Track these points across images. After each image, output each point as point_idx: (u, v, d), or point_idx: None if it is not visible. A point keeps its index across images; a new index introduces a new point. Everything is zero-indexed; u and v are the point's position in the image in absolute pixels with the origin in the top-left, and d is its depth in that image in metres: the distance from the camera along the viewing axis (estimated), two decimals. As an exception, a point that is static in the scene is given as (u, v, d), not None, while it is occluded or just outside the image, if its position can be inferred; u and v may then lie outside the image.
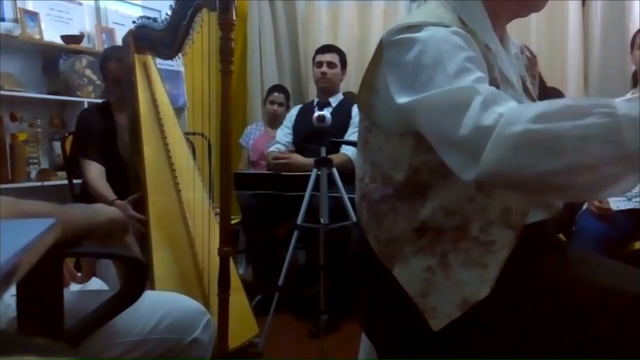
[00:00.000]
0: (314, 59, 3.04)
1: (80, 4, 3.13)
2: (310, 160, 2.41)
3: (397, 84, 0.85)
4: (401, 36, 0.85)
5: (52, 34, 2.91)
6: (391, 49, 0.87)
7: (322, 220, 2.20)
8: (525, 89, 1.03)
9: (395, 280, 0.90)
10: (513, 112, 0.71)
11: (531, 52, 1.13)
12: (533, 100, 1.04)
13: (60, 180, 2.77)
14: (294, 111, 3.11)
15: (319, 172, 2.19)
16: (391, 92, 0.85)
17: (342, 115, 2.83)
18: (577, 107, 0.70)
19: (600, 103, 0.69)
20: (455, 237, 0.87)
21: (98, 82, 2.98)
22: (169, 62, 2.26)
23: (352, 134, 2.81)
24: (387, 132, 0.92)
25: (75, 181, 2.51)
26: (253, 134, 3.55)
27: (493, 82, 0.88)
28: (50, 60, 2.95)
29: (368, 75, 0.94)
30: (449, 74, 0.78)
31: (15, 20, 2.76)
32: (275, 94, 3.45)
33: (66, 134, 2.59)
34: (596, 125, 0.67)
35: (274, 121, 3.47)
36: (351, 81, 3.50)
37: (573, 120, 0.68)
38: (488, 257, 0.86)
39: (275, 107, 3.42)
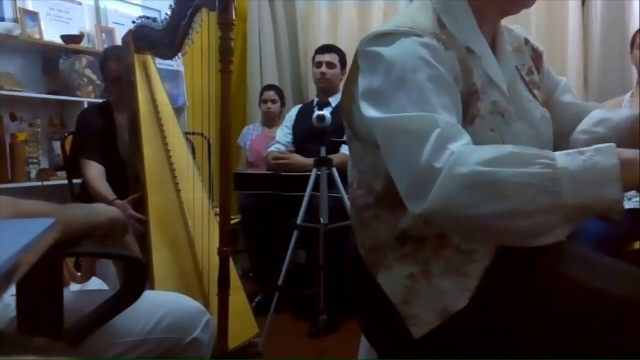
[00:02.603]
0: (313, 59, 3.04)
1: (80, 4, 3.13)
2: (310, 161, 2.41)
3: (366, 95, 0.87)
4: (371, 49, 0.87)
5: (52, 34, 2.91)
6: (364, 59, 0.89)
7: (322, 220, 2.20)
8: (522, 81, 1.02)
9: None
10: (463, 153, 0.74)
11: (537, 47, 1.11)
12: (533, 95, 1.03)
13: (60, 180, 2.77)
14: (294, 111, 3.11)
15: (319, 172, 2.19)
16: (360, 102, 0.87)
17: (342, 116, 2.82)
18: (522, 156, 0.73)
19: (543, 154, 0.73)
20: (436, 246, 0.88)
21: (98, 82, 2.98)
22: (169, 62, 2.26)
23: (352, 134, 2.81)
24: (365, 143, 0.93)
25: (75, 181, 2.51)
26: (250, 134, 3.55)
27: (470, 87, 0.88)
28: (50, 60, 2.95)
29: (349, 82, 0.95)
30: (412, 98, 0.80)
31: (15, 20, 2.76)
32: (267, 92, 3.45)
33: (66, 134, 2.59)
34: (538, 175, 0.71)
35: (270, 120, 3.47)
36: (351, 81, 3.50)
37: (517, 168, 0.72)
38: (469, 266, 0.86)
39: (269, 104, 3.42)
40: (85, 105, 2.82)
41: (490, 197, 0.72)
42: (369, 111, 0.84)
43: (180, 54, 1.98)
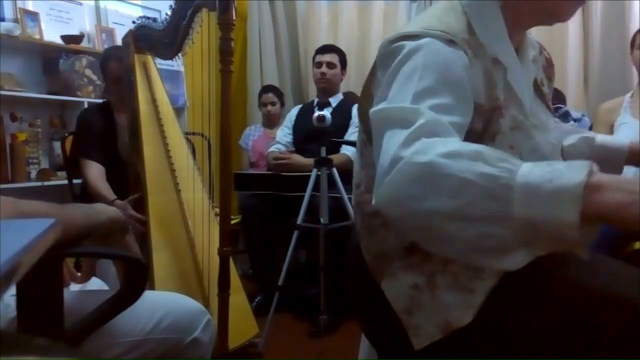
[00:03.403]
0: (313, 59, 3.04)
1: (80, 4, 3.14)
2: (310, 161, 2.41)
3: (377, 95, 0.85)
4: (395, 45, 0.84)
5: (52, 34, 2.92)
6: (383, 56, 0.86)
7: (322, 220, 2.20)
8: (540, 93, 1.01)
9: None
10: (431, 143, 0.68)
11: (548, 53, 1.09)
12: (547, 105, 1.02)
13: (60, 180, 2.77)
14: (294, 111, 3.11)
15: (319, 172, 2.19)
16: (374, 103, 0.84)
17: (342, 115, 2.83)
18: (486, 156, 0.65)
19: (509, 160, 0.65)
20: (444, 259, 0.86)
21: (98, 82, 2.98)
22: (169, 62, 2.26)
23: (352, 134, 2.81)
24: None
25: (75, 181, 2.51)
26: (252, 135, 3.56)
27: (494, 102, 0.86)
28: (50, 60, 2.95)
29: (367, 84, 0.92)
30: (415, 91, 0.76)
31: (15, 20, 2.77)
32: (265, 94, 3.44)
33: (66, 134, 2.59)
34: (489, 177, 0.63)
35: (270, 121, 3.47)
36: (351, 81, 3.51)
37: (472, 164, 0.64)
38: (475, 282, 0.85)
39: (269, 107, 3.43)
40: (85, 105, 2.82)
41: (435, 190, 0.65)
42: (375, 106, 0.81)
43: (180, 54, 1.98)
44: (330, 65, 2.94)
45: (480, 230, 0.64)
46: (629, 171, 2.31)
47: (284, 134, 3.01)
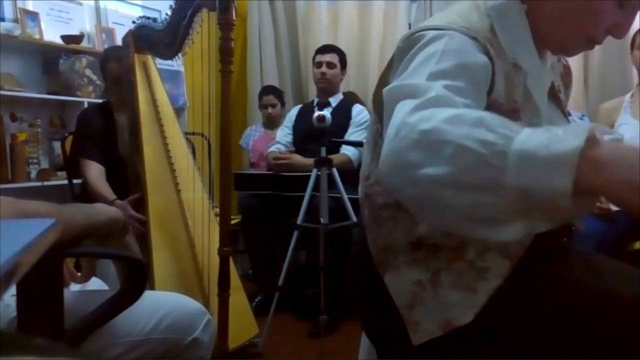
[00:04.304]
0: (313, 59, 3.04)
1: (80, 4, 3.14)
2: (310, 161, 2.41)
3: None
4: (416, 35, 0.83)
5: (52, 34, 2.92)
6: (401, 49, 0.85)
7: (322, 220, 2.20)
8: (556, 99, 1.01)
9: None
10: (436, 111, 0.66)
11: (566, 60, 1.08)
12: (563, 112, 1.02)
13: (60, 180, 2.77)
14: (294, 111, 3.11)
15: (319, 172, 2.19)
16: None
17: (342, 115, 2.83)
18: (488, 122, 0.62)
19: (511, 126, 0.62)
20: (450, 257, 0.86)
21: (98, 82, 2.98)
22: (169, 62, 2.26)
23: (352, 134, 2.81)
24: None
25: (75, 181, 2.51)
26: (253, 135, 3.56)
27: (512, 104, 0.85)
28: (50, 60, 2.95)
29: (384, 74, 0.91)
30: (430, 72, 0.74)
31: (15, 20, 2.77)
32: (265, 96, 3.43)
33: (66, 134, 2.59)
34: (487, 143, 0.60)
35: (271, 123, 3.47)
36: (351, 81, 3.51)
37: (472, 130, 0.62)
38: (479, 283, 0.84)
39: (269, 109, 3.42)
40: (85, 105, 2.82)
41: (434, 157, 0.62)
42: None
43: (180, 54, 1.98)
44: (330, 65, 2.94)
45: (475, 198, 0.62)
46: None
47: (284, 133, 3.01)
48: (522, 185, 0.59)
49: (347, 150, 2.73)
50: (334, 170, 2.22)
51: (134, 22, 2.15)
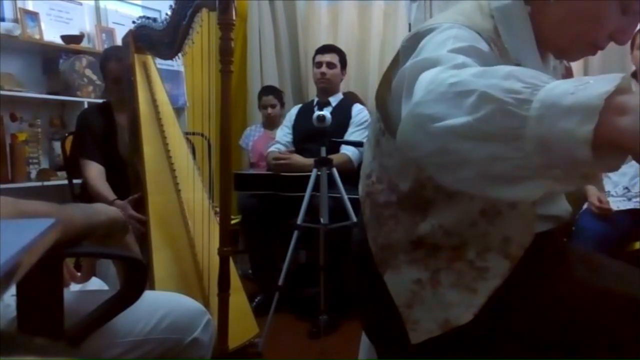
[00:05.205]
0: (313, 59, 3.04)
1: (80, 4, 3.14)
2: (310, 161, 2.41)
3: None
4: (422, 30, 0.83)
5: (52, 34, 2.92)
6: (407, 45, 0.85)
7: (322, 220, 2.20)
8: None
9: None
10: (467, 68, 0.64)
11: (568, 63, 1.09)
12: None
13: (60, 180, 2.77)
14: (293, 111, 3.11)
15: (319, 172, 2.19)
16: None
17: (342, 115, 2.83)
18: (520, 74, 0.59)
19: (541, 77, 0.58)
20: (450, 257, 0.86)
21: (98, 82, 2.98)
22: (169, 62, 2.25)
23: (352, 134, 2.81)
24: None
25: (75, 181, 2.51)
26: (252, 135, 3.56)
27: None
28: (50, 60, 2.95)
29: (388, 71, 0.90)
30: (450, 49, 0.73)
31: (15, 20, 2.77)
32: (265, 97, 3.43)
33: (66, 134, 2.59)
34: (512, 92, 0.56)
35: (270, 123, 3.47)
36: (351, 81, 3.51)
37: (501, 81, 0.58)
38: (479, 283, 0.85)
39: (269, 110, 3.42)
40: (85, 105, 2.82)
41: (456, 107, 0.59)
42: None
43: (180, 54, 1.98)
44: (330, 65, 2.94)
45: (493, 151, 0.58)
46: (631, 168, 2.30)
47: (283, 133, 3.01)
48: (541, 135, 0.54)
49: (347, 150, 2.73)
50: (334, 170, 2.22)
51: (134, 22, 2.15)
